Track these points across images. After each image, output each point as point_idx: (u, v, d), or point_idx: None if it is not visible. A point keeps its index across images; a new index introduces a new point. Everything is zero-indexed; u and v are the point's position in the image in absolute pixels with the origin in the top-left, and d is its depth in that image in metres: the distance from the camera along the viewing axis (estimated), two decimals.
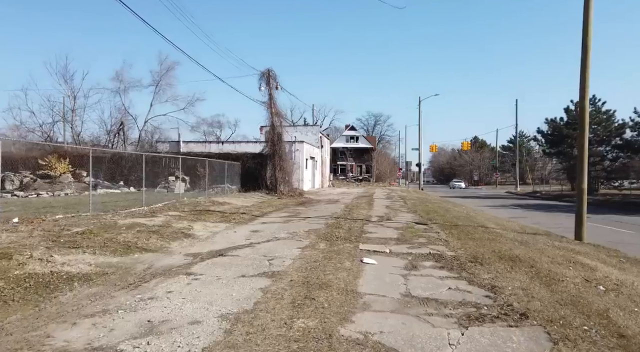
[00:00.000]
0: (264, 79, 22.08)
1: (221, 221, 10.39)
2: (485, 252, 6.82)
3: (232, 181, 22.14)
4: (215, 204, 14.46)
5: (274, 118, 22.39)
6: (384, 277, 5.23)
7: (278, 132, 22.45)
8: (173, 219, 9.84)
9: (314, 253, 6.42)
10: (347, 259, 6.09)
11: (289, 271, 5.24)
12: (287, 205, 16.86)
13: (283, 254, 6.29)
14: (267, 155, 22.62)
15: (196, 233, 8.32)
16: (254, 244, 7.20)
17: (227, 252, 6.42)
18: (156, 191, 21.03)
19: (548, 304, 4.05)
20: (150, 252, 6.36)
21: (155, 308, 3.73)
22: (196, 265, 5.55)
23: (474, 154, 73.49)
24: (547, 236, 9.61)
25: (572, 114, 32.08)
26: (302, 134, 38.77)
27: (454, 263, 6.14)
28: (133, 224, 8.37)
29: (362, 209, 14.71)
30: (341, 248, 6.98)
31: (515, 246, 7.67)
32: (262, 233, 8.57)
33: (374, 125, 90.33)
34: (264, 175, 22.17)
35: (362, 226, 10.03)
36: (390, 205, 17.44)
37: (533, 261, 6.33)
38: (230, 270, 5.27)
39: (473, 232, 9.28)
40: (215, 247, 6.94)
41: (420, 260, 6.37)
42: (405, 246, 7.46)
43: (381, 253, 6.82)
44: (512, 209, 22.55)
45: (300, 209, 14.71)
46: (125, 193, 18.58)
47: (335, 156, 69.37)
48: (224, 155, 22.79)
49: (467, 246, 7.36)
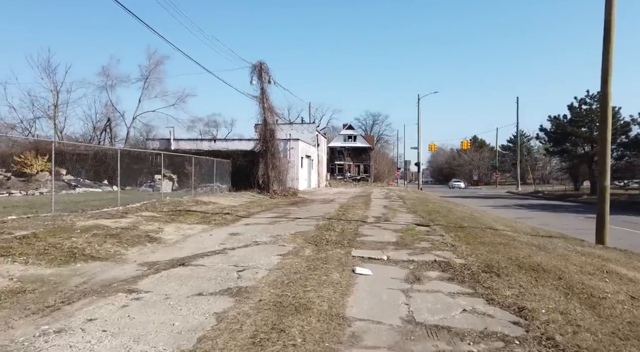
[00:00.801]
0: (256, 72, 20.98)
1: (199, 222, 9.29)
2: (501, 260, 5.76)
3: (222, 179, 21.04)
4: (199, 203, 13.36)
5: (266, 113, 21.29)
6: (380, 293, 4.16)
7: (270, 129, 21.35)
8: (144, 220, 8.74)
9: (297, 261, 5.34)
10: (335, 269, 5.02)
11: (260, 286, 4.15)
12: (278, 205, 15.77)
13: (258, 264, 5.21)
14: (259, 152, 21.51)
15: (164, 237, 7.22)
16: (228, 250, 6.11)
17: (192, 261, 5.33)
18: (141, 190, 19.92)
19: (603, 338, 2.97)
20: (98, 260, 5.26)
21: (54, 350, 2.64)
22: (146, 278, 4.46)
23: (473, 153, 72.54)
24: (565, 239, 8.56)
25: (575, 111, 31.11)
26: (297, 132, 37.70)
27: (464, 273, 5.08)
28: (93, 226, 7.27)
29: (358, 209, 13.63)
30: (330, 255, 5.90)
31: (533, 251, 6.61)
32: (241, 236, 7.48)
33: (372, 125, 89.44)
34: (256, 173, 21.07)
35: (357, 227, 8.96)
36: (389, 205, 16.37)
37: (559, 270, 5.27)
38: (187, 285, 4.18)
39: (481, 235, 8.22)
40: (180, 254, 5.85)
41: (424, 269, 5.31)
42: (405, 251, 6.39)
43: (377, 261, 5.75)
44: (515, 209, 21.55)
45: (291, 209, 13.63)
46: (106, 192, 17.45)
47: (333, 156, 68.34)
48: (213, 153, 21.69)
49: (477, 252, 6.29)
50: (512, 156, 67.92)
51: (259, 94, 21.20)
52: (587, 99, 30.85)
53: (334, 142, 68.96)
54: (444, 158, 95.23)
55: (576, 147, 31.83)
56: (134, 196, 15.70)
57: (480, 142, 78.54)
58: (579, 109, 31.17)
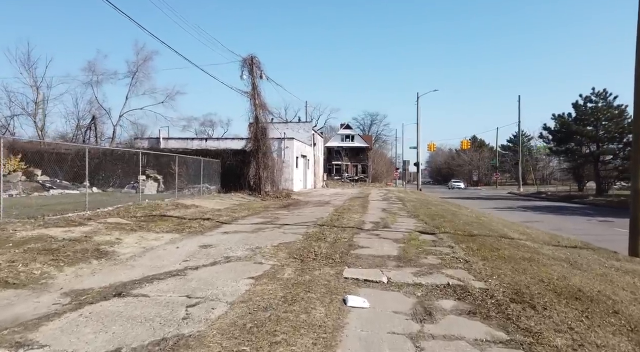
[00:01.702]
0: (247, 67, 19.76)
1: (170, 231, 8.07)
2: (531, 283, 4.57)
3: (211, 180, 19.80)
4: (180, 207, 12.14)
5: (258, 110, 20.07)
6: (380, 342, 2.97)
7: (262, 126, 20.12)
8: (104, 229, 7.51)
9: (271, 289, 4.13)
10: (321, 301, 3.82)
11: (209, 335, 2.94)
12: (268, 208, 14.56)
13: (220, 293, 3.99)
14: (250, 152, 20.27)
15: (119, 250, 6.00)
16: (189, 270, 4.89)
17: (134, 288, 4.11)
18: (123, 192, 18.68)
19: None
20: (12, 288, 4.04)
21: None
22: (57, 320, 3.24)
23: (473, 153, 71.45)
24: (593, 251, 7.37)
25: (581, 109, 30.00)
26: (293, 131, 36.50)
27: (488, 304, 3.90)
28: (33, 238, 6.04)
29: (354, 213, 12.44)
30: (316, 276, 4.70)
31: (565, 270, 5.43)
32: (212, 250, 6.26)
33: (370, 125, 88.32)
34: (247, 174, 19.84)
35: (352, 236, 7.76)
36: (388, 208, 15.18)
37: (609, 299, 4.09)
38: (107, 333, 2.97)
39: (497, 245, 7.03)
40: (126, 276, 4.63)
41: (435, 297, 4.13)
42: (409, 269, 5.20)
43: (375, 284, 4.56)
44: (521, 211, 20.41)
45: (281, 213, 12.42)
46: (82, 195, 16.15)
47: (330, 156, 67.16)
48: (202, 152, 20.44)
49: (499, 271, 5.10)
50: (512, 156, 66.86)
51: (250, 90, 19.98)
52: (593, 96, 29.76)
53: (331, 142, 67.79)
54: (443, 158, 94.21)
55: (581, 146, 30.72)
56: (112, 199, 14.47)
57: (480, 142, 77.49)
58: (584, 107, 30.08)
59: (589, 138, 29.27)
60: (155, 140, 29.04)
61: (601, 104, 29.19)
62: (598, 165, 29.83)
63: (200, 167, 18.14)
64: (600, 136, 29.29)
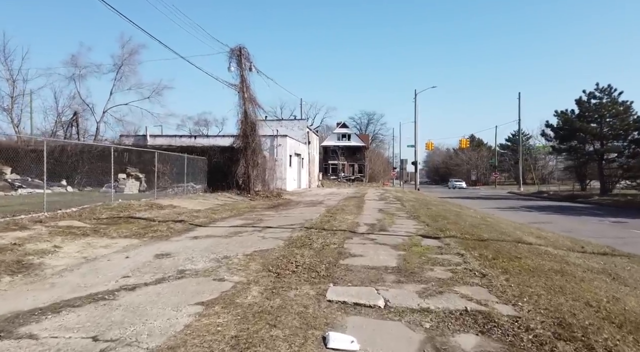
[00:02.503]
0: (235, 58, 18.55)
1: (130, 236, 6.86)
2: (576, 308, 3.41)
3: (196, 179, 18.59)
4: (154, 208, 10.93)
5: (247, 105, 18.87)
6: None
7: (251, 122, 18.92)
8: (48, 234, 6.31)
9: (221, 323, 2.94)
10: (289, 343, 2.64)
11: None
12: (255, 208, 13.36)
13: (145, 330, 2.80)
14: (238, 149, 19.06)
15: (49, 262, 4.80)
16: (121, 292, 3.70)
17: (27, 323, 2.92)
18: (101, 191, 17.42)
19: None
20: None
21: None
22: None
23: (471, 153, 70.44)
24: (628, 259, 6.22)
25: (584, 105, 28.96)
26: (287, 129, 35.34)
27: (525, 342, 2.75)
28: None
29: (348, 214, 11.27)
30: (290, 300, 3.52)
31: (609, 286, 4.28)
32: (168, 261, 5.07)
33: (367, 124, 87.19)
34: (234, 172, 18.62)
35: (343, 241, 6.59)
36: (385, 208, 14.03)
37: None
38: None
39: (515, 252, 5.88)
40: (34, 300, 3.43)
41: (450, 330, 2.98)
42: (413, 287, 4.04)
43: (368, 310, 3.40)
44: (525, 211, 19.32)
45: (267, 215, 11.24)
46: (56, 194, 14.94)
47: (327, 155, 66.01)
48: (187, 149, 19.20)
49: (529, 290, 3.94)
50: (511, 155, 65.93)
51: (239, 83, 18.77)
52: (597, 92, 28.74)
53: (327, 141, 66.63)
54: (441, 158, 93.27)
55: (585, 144, 29.69)
56: (85, 199, 13.26)
57: (478, 141, 76.50)
58: (587, 103, 29.06)
59: (593, 135, 28.24)
60: (142, 137, 27.78)
61: (605, 100, 28.18)
62: (602, 164, 28.82)
63: (184, 165, 16.92)
64: (604, 133, 28.27)
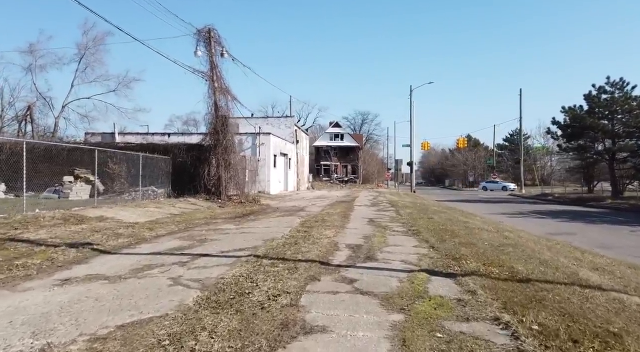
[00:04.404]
0: (203, 41, 15.93)
1: None
2: None
3: (157, 181, 15.92)
4: (69, 222, 8.26)
5: (218, 95, 16.23)
6: None
7: (223, 115, 16.27)
8: None
9: None
10: None
11: None
12: (214, 219, 10.74)
13: None
14: (207, 147, 16.42)
15: None
16: None
17: None
18: (42, 197, 14.70)
19: None
20: None
21: None
22: None
23: (468, 153, 68.13)
24: None
25: (594, 101, 26.67)
26: (273, 126, 32.75)
27: None
28: None
29: (328, 228, 8.68)
30: None
31: None
32: None
33: (361, 124, 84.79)
34: (203, 174, 15.96)
35: (302, 289, 4.01)
36: (376, 218, 11.48)
37: None
38: None
39: (594, 318, 3.35)
40: None
41: None
42: None
43: None
44: (537, 218, 16.87)
45: (221, 230, 8.62)
46: None
47: (319, 155, 63.44)
48: (147, 147, 16.52)
49: None
50: (509, 155, 63.72)
51: (208, 70, 16.14)
52: (607, 86, 26.47)
53: (319, 141, 64.09)
54: (436, 158, 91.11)
55: (595, 142, 27.41)
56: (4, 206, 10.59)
57: (475, 141, 74.26)
58: (597, 98, 26.77)
59: (604, 133, 25.94)
60: (109, 135, 25.04)
61: (617, 95, 25.90)
62: (614, 164, 26.54)
63: (139, 166, 14.26)
64: (616, 131, 25.98)
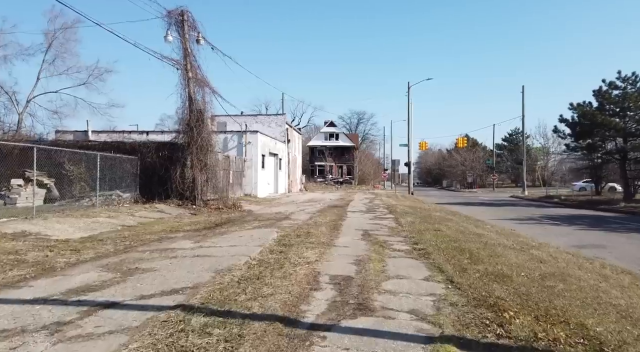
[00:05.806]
0: (175, 24, 13.97)
1: None
2: None
3: (122, 185, 13.93)
4: None
5: (192, 87, 14.26)
6: None
7: (198, 110, 14.30)
8: None
9: None
10: None
11: None
12: (177, 232, 8.77)
13: None
14: (181, 146, 14.44)
15: None
16: None
17: None
18: None
19: None
20: None
21: None
22: None
23: (466, 153, 66.45)
24: None
25: (605, 97, 24.95)
26: (263, 124, 30.81)
27: None
28: None
29: (310, 247, 6.77)
30: None
31: None
32: None
33: (357, 124, 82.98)
34: (175, 176, 13.98)
35: None
36: (373, 230, 9.56)
37: None
38: None
39: None
40: None
41: None
42: None
43: None
44: (551, 225, 14.95)
45: (172, 250, 6.66)
46: None
47: (313, 156, 61.57)
48: (112, 146, 14.52)
49: None
50: (509, 156, 62.17)
51: (181, 58, 14.17)
52: (619, 81, 24.75)
53: (313, 141, 62.21)
54: (434, 159, 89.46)
55: (605, 141, 25.70)
56: None
57: (473, 141, 72.64)
58: (608, 94, 25.05)
59: (617, 131, 24.21)
60: (82, 133, 23.00)
61: (630, 90, 24.19)
62: (626, 164, 24.82)
63: (97, 167, 12.25)
64: (629, 129, 24.26)
